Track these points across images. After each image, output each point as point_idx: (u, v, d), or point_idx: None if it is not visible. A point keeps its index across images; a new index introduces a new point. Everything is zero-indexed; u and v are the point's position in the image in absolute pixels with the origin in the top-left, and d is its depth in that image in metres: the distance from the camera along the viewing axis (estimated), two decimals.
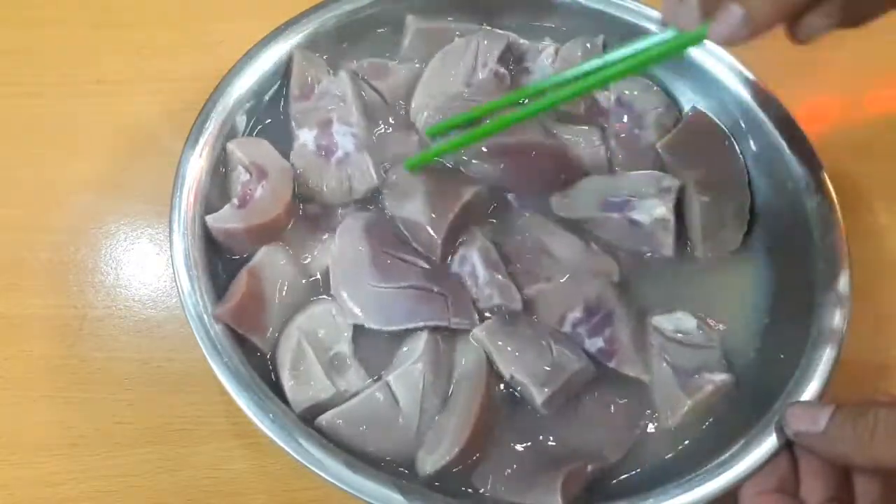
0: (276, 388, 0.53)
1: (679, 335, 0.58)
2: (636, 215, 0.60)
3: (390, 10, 0.65)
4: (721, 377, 0.56)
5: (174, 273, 0.53)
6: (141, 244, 0.65)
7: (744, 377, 0.57)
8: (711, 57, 0.65)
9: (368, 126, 0.61)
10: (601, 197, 0.61)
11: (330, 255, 0.57)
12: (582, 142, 0.63)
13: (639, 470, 0.55)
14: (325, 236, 0.58)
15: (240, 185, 0.57)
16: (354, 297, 0.55)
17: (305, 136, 0.60)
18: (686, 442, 0.56)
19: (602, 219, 0.60)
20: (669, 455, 0.56)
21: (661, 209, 0.59)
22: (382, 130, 0.62)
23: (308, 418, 0.52)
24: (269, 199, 0.56)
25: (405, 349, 0.55)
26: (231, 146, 0.58)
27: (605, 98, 0.66)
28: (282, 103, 0.63)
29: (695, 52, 0.65)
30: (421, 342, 0.54)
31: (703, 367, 0.57)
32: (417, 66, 0.65)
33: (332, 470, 0.48)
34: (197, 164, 0.56)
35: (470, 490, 0.53)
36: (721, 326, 0.60)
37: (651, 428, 0.56)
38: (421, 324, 0.55)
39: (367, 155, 0.60)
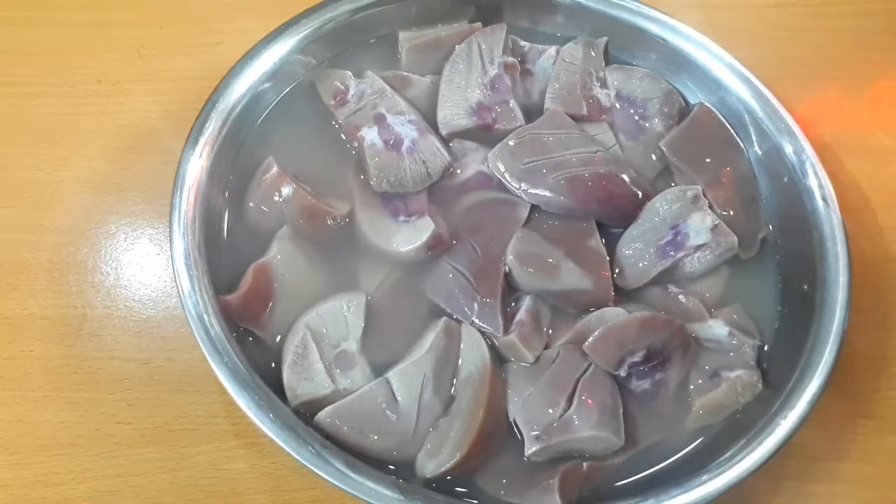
0: (278, 385, 0.53)
1: (710, 343, 0.58)
2: (695, 240, 0.59)
3: (388, 13, 0.65)
4: (736, 373, 0.56)
5: (174, 273, 0.53)
6: (141, 244, 0.65)
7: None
8: (712, 57, 0.65)
9: (417, 109, 0.63)
10: (652, 247, 0.59)
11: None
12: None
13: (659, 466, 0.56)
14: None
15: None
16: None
17: (371, 136, 0.61)
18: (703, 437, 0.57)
19: (672, 265, 0.59)
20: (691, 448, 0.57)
21: (707, 219, 0.59)
22: None
23: (305, 414, 0.52)
24: None
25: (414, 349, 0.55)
26: None
27: (606, 95, 0.66)
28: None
29: (695, 52, 0.65)
30: (428, 340, 0.54)
31: (727, 367, 0.57)
32: (432, 79, 0.65)
33: (332, 470, 0.48)
34: (197, 164, 0.56)
35: (469, 490, 0.53)
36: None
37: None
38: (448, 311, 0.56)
39: (432, 136, 0.61)
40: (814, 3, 0.79)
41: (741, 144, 0.65)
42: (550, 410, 0.53)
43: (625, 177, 0.61)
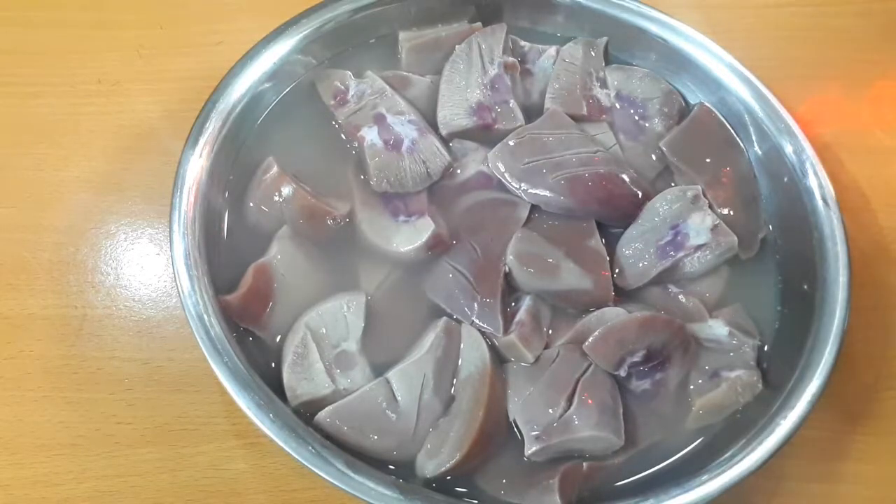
0: (278, 385, 0.53)
1: (710, 343, 0.58)
2: (695, 240, 0.59)
3: (388, 13, 0.65)
4: (736, 373, 0.56)
5: (174, 273, 0.53)
6: (141, 244, 0.65)
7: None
8: (712, 57, 0.65)
9: (417, 109, 0.63)
10: (652, 247, 0.59)
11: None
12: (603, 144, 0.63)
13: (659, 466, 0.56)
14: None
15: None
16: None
17: (371, 136, 0.61)
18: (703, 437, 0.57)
19: (672, 265, 0.59)
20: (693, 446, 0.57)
21: (707, 219, 0.59)
22: None
23: (305, 414, 0.52)
24: None
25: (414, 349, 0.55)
26: None
27: (606, 95, 0.66)
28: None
29: (695, 52, 0.65)
30: (428, 340, 0.54)
31: (727, 366, 0.57)
32: (432, 79, 0.65)
33: (332, 470, 0.48)
34: (197, 164, 0.56)
35: (469, 490, 0.53)
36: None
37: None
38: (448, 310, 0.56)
39: (433, 136, 0.61)
40: (814, 3, 0.79)
41: (741, 144, 0.65)
42: (550, 410, 0.53)
43: (625, 177, 0.61)
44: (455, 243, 0.59)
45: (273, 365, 0.55)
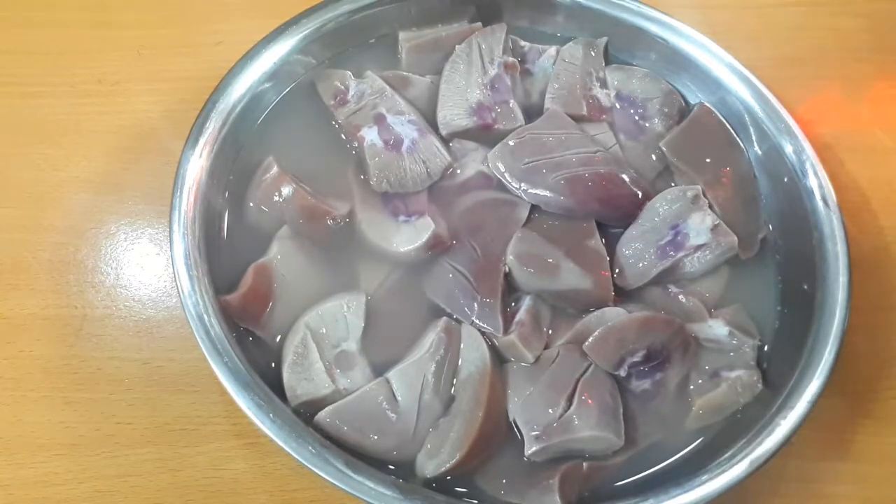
0: (278, 385, 0.53)
1: (710, 343, 0.58)
2: (695, 240, 0.59)
3: (388, 13, 0.65)
4: (736, 373, 0.56)
5: (174, 273, 0.53)
6: (141, 244, 0.65)
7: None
8: (712, 57, 0.65)
9: (417, 109, 0.63)
10: (652, 247, 0.59)
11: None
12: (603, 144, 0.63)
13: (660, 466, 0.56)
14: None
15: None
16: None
17: (371, 136, 0.61)
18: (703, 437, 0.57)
19: (672, 265, 0.59)
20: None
21: (707, 219, 0.59)
22: None
23: (305, 414, 0.52)
24: None
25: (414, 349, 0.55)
26: None
27: (606, 95, 0.66)
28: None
29: (695, 52, 0.65)
30: (428, 340, 0.54)
31: (727, 366, 0.57)
32: (432, 79, 0.65)
33: (332, 470, 0.48)
34: (197, 164, 0.56)
35: (469, 490, 0.53)
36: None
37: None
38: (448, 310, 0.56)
39: (433, 136, 0.61)
40: (814, 3, 0.79)
41: (741, 144, 0.65)
42: (550, 410, 0.53)
43: (625, 177, 0.61)
44: (455, 243, 0.59)
45: (273, 365, 0.55)
